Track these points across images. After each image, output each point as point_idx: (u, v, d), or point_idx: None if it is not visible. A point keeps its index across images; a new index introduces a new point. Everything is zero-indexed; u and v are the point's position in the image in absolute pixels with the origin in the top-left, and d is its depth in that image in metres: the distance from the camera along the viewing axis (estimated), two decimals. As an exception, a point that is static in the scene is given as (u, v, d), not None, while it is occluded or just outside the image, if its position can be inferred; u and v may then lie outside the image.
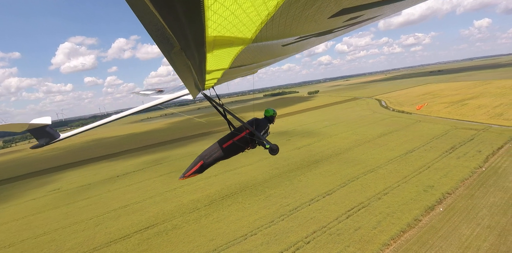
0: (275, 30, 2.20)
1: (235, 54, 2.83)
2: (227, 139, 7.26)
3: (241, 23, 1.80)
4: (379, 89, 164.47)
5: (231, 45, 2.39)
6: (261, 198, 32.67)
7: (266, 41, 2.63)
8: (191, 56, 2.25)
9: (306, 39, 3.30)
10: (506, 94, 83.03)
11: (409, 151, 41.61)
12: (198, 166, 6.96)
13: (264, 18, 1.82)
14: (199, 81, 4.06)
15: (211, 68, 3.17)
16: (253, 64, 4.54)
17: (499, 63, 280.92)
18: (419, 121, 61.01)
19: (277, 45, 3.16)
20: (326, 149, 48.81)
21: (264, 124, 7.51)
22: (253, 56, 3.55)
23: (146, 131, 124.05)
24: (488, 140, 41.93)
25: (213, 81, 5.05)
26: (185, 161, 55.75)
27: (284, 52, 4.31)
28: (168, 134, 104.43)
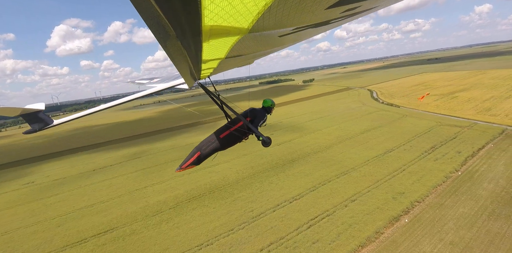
0: (272, 20, 2.21)
1: (232, 44, 2.86)
2: (225, 129, 7.12)
3: (238, 13, 1.80)
4: (373, 78, 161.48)
5: (227, 34, 2.39)
6: (228, 202, 31.34)
7: (263, 31, 2.62)
8: (187, 45, 2.25)
9: (303, 30, 3.28)
10: (498, 86, 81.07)
11: (388, 150, 40.12)
12: (195, 157, 6.85)
13: (262, 8, 1.82)
14: (195, 70, 4.05)
15: (207, 57, 3.18)
16: (249, 54, 4.56)
17: (498, 51, 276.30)
18: (405, 116, 59.28)
19: (274, 35, 3.16)
20: (306, 147, 47.22)
21: (262, 115, 7.39)
22: (249, 46, 3.57)
23: (136, 120, 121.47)
24: (470, 139, 40.45)
25: (209, 70, 5.08)
26: (164, 156, 54.27)
27: (281, 42, 4.29)
28: (156, 123, 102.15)
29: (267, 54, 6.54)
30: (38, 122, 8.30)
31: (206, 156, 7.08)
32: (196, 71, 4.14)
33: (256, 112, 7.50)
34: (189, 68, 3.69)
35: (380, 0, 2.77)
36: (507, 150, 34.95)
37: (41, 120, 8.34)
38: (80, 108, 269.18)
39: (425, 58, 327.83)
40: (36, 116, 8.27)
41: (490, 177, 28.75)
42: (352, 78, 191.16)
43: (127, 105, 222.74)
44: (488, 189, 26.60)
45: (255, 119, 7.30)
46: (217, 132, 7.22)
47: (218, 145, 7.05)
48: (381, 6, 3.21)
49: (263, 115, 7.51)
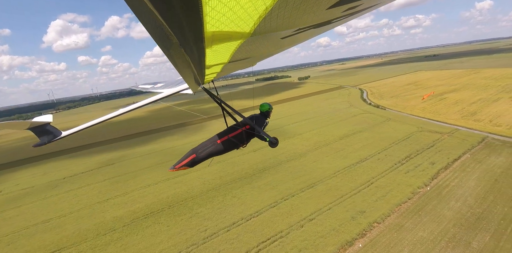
0: (273, 23, 2.21)
1: (234, 48, 2.87)
2: (223, 134, 7.12)
3: (239, 18, 1.82)
4: (368, 77, 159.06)
5: (230, 39, 2.40)
6: (184, 219, 29.69)
7: (265, 34, 2.62)
8: (190, 52, 2.26)
9: (305, 31, 3.26)
10: (489, 87, 79.02)
11: (362, 159, 38.35)
12: (189, 159, 6.77)
13: (262, 12, 1.83)
14: (199, 76, 4.05)
15: (210, 63, 3.20)
16: (252, 57, 4.54)
17: (497, 48, 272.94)
18: (388, 120, 57.36)
19: (276, 37, 3.13)
20: (281, 154, 45.44)
21: (262, 122, 7.41)
22: (252, 50, 3.55)
23: (125, 120, 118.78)
24: (448, 147, 38.64)
25: (213, 75, 5.19)
26: (139, 162, 52.52)
27: (283, 44, 4.25)
28: (144, 124, 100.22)
29: (270, 55, 6.57)
30: (47, 134, 8.33)
31: (201, 160, 6.95)
32: (199, 76, 4.13)
33: (255, 118, 7.46)
34: (193, 74, 3.66)
35: None
36: (482, 162, 33.17)
37: (50, 132, 8.37)
38: (73, 106, 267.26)
39: (423, 55, 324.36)
40: (45, 128, 8.31)
41: (459, 194, 27.02)
42: (347, 76, 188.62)
43: (120, 103, 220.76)
44: (454, 208, 24.89)
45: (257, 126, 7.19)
46: (215, 137, 7.15)
47: (215, 150, 6.96)
48: (382, 3, 3.18)
49: (263, 121, 7.48)
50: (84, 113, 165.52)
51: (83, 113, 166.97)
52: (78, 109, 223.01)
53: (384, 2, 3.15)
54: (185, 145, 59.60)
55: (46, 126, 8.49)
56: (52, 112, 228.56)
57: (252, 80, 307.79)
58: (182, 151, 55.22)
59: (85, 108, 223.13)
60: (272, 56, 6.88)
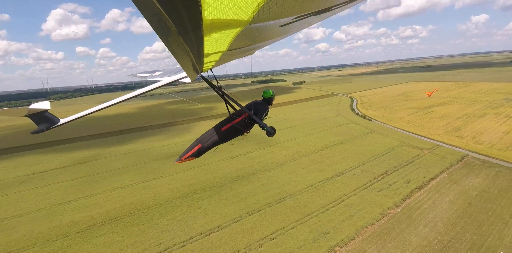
0: (272, 10, 2.19)
1: (233, 36, 2.84)
2: (226, 122, 7.09)
3: (236, 6, 1.80)
4: (360, 85, 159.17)
5: (228, 27, 2.39)
6: (141, 229, 27.91)
7: (264, 22, 2.60)
8: (189, 40, 2.25)
9: (305, 18, 3.23)
10: (477, 102, 79.04)
11: (338, 174, 37.08)
12: (195, 149, 6.78)
13: (260, 0, 1.81)
14: (197, 64, 4.06)
15: (208, 51, 3.16)
16: (251, 45, 4.56)
17: (490, 62, 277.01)
18: (372, 132, 56.38)
19: (275, 25, 3.12)
20: (258, 163, 43.94)
21: (264, 107, 7.45)
22: (251, 38, 3.57)
23: (111, 115, 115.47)
24: (426, 165, 37.64)
25: (211, 63, 5.13)
26: (113, 162, 50.44)
27: (283, 32, 4.20)
28: (130, 121, 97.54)
29: (269, 43, 6.41)
30: (45, 121, 8.28)
31: (206, 149, 6.98)
32: (198, 64, 4.13)
33: (258, 105, 7.46)
34: (191, 62, 3.64)
35: None
36: (458, 183, 32.16)
37: (48, 120, 8.31)
38: (65, 96, 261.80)
39: (418, 65, 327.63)
40: (43, 115, 8.24)
41: (429, 218, 25.83)
42: (341, 83, 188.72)
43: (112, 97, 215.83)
44: (421, 234, 23.65)
45: (258, 112, 7.28)
46: (219, 125, 7.14)
47: (219, 138, 6.97)
48: None
49: (266, 107, 7.51)
50: (71, 105, 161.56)
51: (70, 105, 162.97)
52: (68, 100, 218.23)
53: None
54: (163, 147, 57.75)
55: (44, 113, 8.38)
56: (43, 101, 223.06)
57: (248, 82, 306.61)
58: (159, 153, 53.40)
59: (76, 99, 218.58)
60: (272, 43, 6.68)
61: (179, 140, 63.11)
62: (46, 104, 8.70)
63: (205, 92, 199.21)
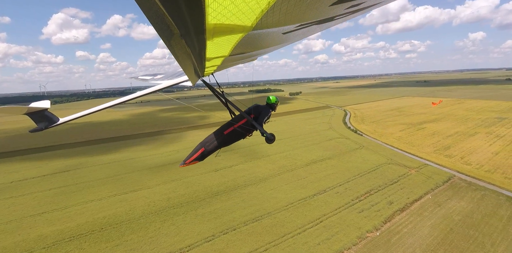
0: (275, 18, 2.20)
1: (235, 41, 2.86)
2: (229, 125, 7.17)
3: (240, 12, 1.81)
4: (356, 98, 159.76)
5: (231, 32, 2.40)
6: (109, 247, 26.61)
7: (266, 29, 2.61)
8: (191, 44, 2.26)
9: (307, 27, 3.25)
10: (469, 120, 78.96)
11: (320, 191, 36.10)
12: (199, 153, 6.96)
13: (264, 6, 1.82)
14: (199, 68, 4.08)
15: (211, 55, 3.19)
16: (253, 51, 4.59)
17: (485, 79, 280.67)
18: (361, 147, 55.71)
19: (278, 32, 3.14)
20: (242, 177, 42.90)
21: (266, 111, 7.41)
22: (253, 44, 3.59)
23: (103, 122, 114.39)
24: (411, 185, 36.79)
25: (213, 68, 5.16)
26: (95, 172, 49.04)
27: (285, 39, 4.22)
28: (120, 128, 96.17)
29: (271, 50, 6.36)
30: (44, 120, 8.28)
31: (210, 152, 7.07)
32: (200, 68, 4.12)
33: (260, 108, 7.46)
34: (193, 66, 3.67)
35: None
36: (442, 206, 31.25)
37: (47, 118, 8.32)
38: (60, 101, 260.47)
39: (415, 80, 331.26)
40: (42, 114, 8.25)
41: (408, 244, 24.79)
42: (337, 95, 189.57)
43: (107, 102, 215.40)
44: (398, 261, 22.57)
45: (260, 116, 7.23)
46: (221, 129, 7.22)
47: (222, 141, 7.07)
48: (384, 2, 3.07)
49: (268, 111, 7.46)
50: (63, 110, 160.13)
51: (63, 110, 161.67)
52: (62, 105, 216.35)
53: (387, 1, 3.06)
54: (149, 157, 56.58)
55: (43, 112, 8.31)
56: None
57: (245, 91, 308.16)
58: (143, 164, 52.17)
59: (70, 104, 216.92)
60: (274, 51, 6.62)
61: (165, 150, 62.03)
62: (46, 103, 8.75)
63: (201, 100, 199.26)
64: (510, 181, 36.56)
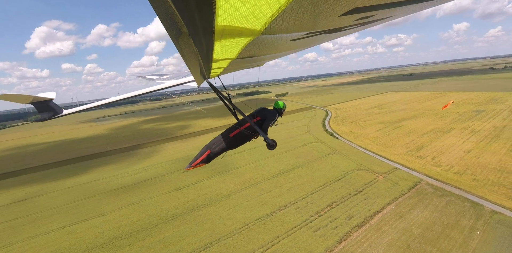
0: (285, 24, 2.22)
1: (243, 45, 2.86)
2: (235, 128, 7.14)
3: (251, 15, 1.81)
4: (340, 96, 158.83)
5: (240, 35, 2.40)
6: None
7: (275, 34, 2.62)
8: (199, 44, 2.26)
9: (315, 35, 3.26)
10: (447, 114, 77.96)
11: (280, 208, 34.06)
12: (205, 155, 6.82)
13: (275, 11, 1.82)
14: (205, 69, 4.09)
15: (218, 57, 3.20)
16: (260, 56, 4.57)
17: (469, 69, 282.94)
18: (334, 152, 53.89)
19: (286, 39, 3.16)
20: (203, 195, 40.67)
21: (273, 115, 7.35)
22: (261, 48, 3.59)
23: (79, 139, 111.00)
24: (375, 194, 34.96)
25: (219, 70, 5.14)
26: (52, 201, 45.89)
27: (292, 46, 4.28)
28: (94, 146, 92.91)
29: (278, 57, 6.49)
30: (48, 111, 8.50)
31: (215, 155, 6.92)
32: (206, 69, 4.13)
33: (266, 112, 7.40)
34: (199, 66, 3.69)
35: (394, 10, 2.72)
36: (404, 218, 29.39)
37: (51, 109, 8.53)
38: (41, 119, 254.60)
39: (401, 74, 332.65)
40: (47, 105, 8.44)
41: (359, 268, 22.78)
42: (323, 94, 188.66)
43: (91, 116, 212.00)
44: (344, 292, 20.54)
45: (266, 120, 7.18)
46: (227, 131, 7.14)
47: (228, 144, 6.96)
48: (395, 16, 3.15)
49: (274, 116, 7.37)
50: (43, 128, 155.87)
51: (43, 128, 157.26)
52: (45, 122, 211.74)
53: (399, 15, 3.11)
54: (114, 177, 53.96)
55: (48, 103, 8.46)
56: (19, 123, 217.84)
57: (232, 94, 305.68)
58: (105, 186, 49.54)
59: (52, 121, 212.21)
60: (280, 57, 6.64)
61: (135, 167, 59.47)
62: (52, 94, 8.87)
63: (186, 107, 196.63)
64: (477, 183, 34.94)
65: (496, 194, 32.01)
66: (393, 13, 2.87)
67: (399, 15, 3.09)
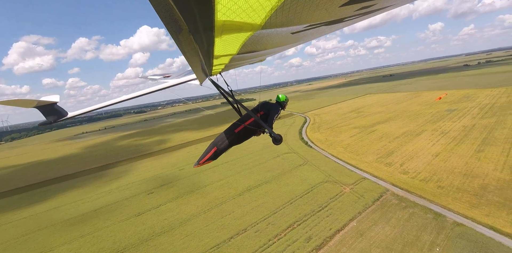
0: (285, 17, 2.20)
1: (244, 39, 2.84)
2: (239, 124, 7.18)
3: (251, 8, 1.80)
4: (321, 101, 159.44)
5: (240, 30, 2.39)
6: None
7: (275, 28, 2.60)
8: (199, 40, 2.26)
9: (316, 28, 3.23)
10: (420, 115, 78.28)
11: (240, 231, 31.85)
12: (212, 152, 6.85)
13: (275, 4, 1.81)
14: (206, 66, 4.06)
15: (219, 53, 3.19)
16: (261, 50, 4.54)
17: (445, 67, 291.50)
18: (305, 163, 52.32)
19: (287, 32, 3.11)
20: (163, 220, 38.03)
21: (276, 109, 7.42)
22: (261, 43, 3.56)
23: (49, 160, 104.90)
24: (339, 210, 33.29)
25: (221, 66, 5.16)
26: (7, 232, 42.31)
27: (293, 40, 4.21)
28: (63, 168, 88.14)
29: (280, 51, 6.30)
30: (53, 114, 8.42)
31: (222, 151, 7.01)
32: (207, 66, 4.09)
33: (269, 105, 7.43)
34: (201, 64, 3.63)
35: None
36: (364, 236, 27.70)
37: (56, 112, 8.46)
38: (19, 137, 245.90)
39: (382, 75, 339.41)
40: (52, 108, 8.38)
41: (309, 302, 20.75)
42: (305, 99, 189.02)
43: (67, 133, 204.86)
44: None
45: (270, 112, 7.22)
46: (231, 127, 7.19)
47: (234, 139, 7.05)
48: (397, 4, 3.11)
49: (277, 109, 7.48)
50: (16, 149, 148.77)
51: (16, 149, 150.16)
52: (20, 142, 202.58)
53: (399, 3, 3.08)
54: (73, 204, 50.47)
55: (53, 106, 8.43)
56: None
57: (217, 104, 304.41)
58: (62, 215, 46.04)
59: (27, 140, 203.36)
60: (282, 51, 6.54)
61: (101, 190, 56.15)
62: (56, 97, 8.80)
63: (168, 120, 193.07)
64: (441, 191, 33.82)
65: (459, 202, 30.87)
66: (394, 1, 2.85)
67: (400, 3, 3.05)
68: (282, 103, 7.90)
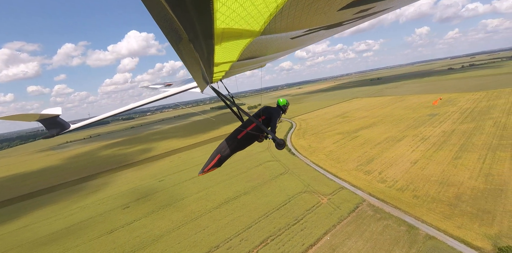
0: (283, 22, 2.21)
1: (244, 46, 2.85)
2: (241, 130, 7.18)
3: (249, 15, 1.82)
4: (309, 105, 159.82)
5: (239, 37, 2.41)
6: None
7: (274, 34, 2.62)
8: (199, 48, 2.26)
9: (315, 32, 3.25)
10: (403, 120, 78.78)
11: (211, 249, 30.67)
12: (216, 159, 6.84)
13: (273, 10, 1.83)
14: (207, 73, 4.06)
15: (219, 60, 3.21)
16: (261, 57, 4.60)
17: (431, 70, 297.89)
18: (286, 172, 51.55)
19: (286, 37, 3.13)
20: (134, 238, 36.49)
21: (277, 113, 7.43)
22: (261, 49, 3.58)
23: (27, 173, 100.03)
24: (314, 223, 32.50)
25: (221, 74, 5.17)
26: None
27: (293, 45, 4.27)
28: (40, 181, 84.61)
29: (280, 56, 6.35)
30: (55, 127, 8.37)
31: (226, 157, 6.97)
32: (208, 74, 4.11)
33: (271, 110, 7.44)
34: (201, 71, 3.67)
35: (394, 1, 2.72)
36: (337, 251, 26.92)
37: (59, 125, 8.42)
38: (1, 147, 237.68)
39: (370, 78, 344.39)
40: (54, 121, 8.36)
41: None
42: (293, 104, 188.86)
43: (51, 143, 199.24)
44: None
45: (272, 117, 7.22)
46: (234, 134, 7.15)
47: (237, 146, 7.05)
48: (395, 7, 3.14)
49: (279, 113, 7.47)
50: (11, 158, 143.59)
51: None
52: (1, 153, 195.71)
53: (398, 6, 3.07)
54: (45, 222, 48.22)
55: (55, 119, 8.40)
56: None
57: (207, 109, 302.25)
58: (29, 235, 43.77)
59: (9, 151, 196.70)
60: (282, 56, 6.64)
61: (76, 206, 54.00)
62: (58, 110, 8.74)
63: (155, 126, 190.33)
64: (416, 201, 33.46)
65: (433, 213, 30.49)
66: (393, 3, 2.84)
67: (399, 5, 3.02)
68: (283, 107, 7.84)
